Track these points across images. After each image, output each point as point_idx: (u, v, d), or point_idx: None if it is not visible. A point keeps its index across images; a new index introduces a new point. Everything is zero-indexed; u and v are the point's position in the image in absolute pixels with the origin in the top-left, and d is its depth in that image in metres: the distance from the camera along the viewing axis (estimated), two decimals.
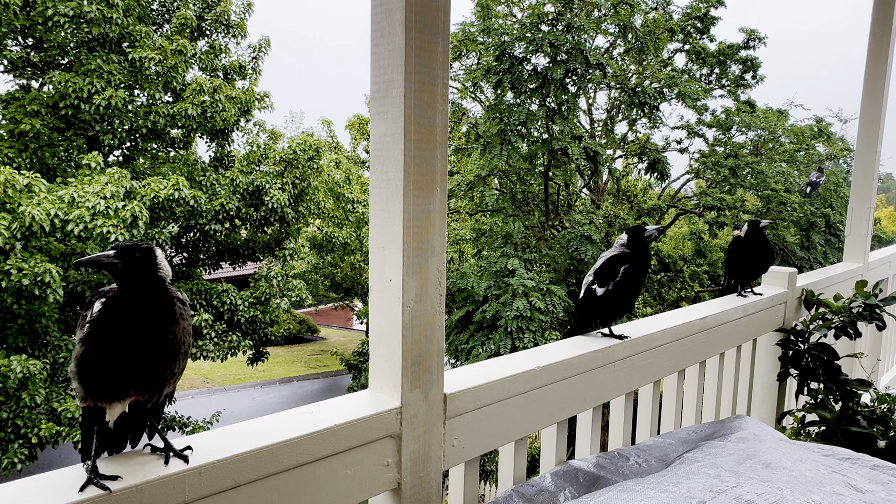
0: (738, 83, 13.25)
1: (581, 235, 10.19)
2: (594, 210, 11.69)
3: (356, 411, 1.40)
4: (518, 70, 10.28)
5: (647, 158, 12.55)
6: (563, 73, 10.08)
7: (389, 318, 1.46)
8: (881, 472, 1.89)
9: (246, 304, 11.68)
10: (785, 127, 12.40)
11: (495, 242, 10.66)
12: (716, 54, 13.05)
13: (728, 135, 12.74)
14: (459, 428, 1.60)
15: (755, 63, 12.96)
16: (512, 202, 12.25)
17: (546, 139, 10.60)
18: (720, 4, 12.98)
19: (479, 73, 11.42)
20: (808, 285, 3.56)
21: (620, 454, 2.06)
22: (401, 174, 1.39)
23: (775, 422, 3.44)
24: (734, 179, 11.68)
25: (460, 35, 11.89)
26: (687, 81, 11.82)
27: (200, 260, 12.57)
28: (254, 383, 22.23)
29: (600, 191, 13.49)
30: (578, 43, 10.19)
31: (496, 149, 10.37)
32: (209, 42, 12.32)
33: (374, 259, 1.49)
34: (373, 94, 1.45)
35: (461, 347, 9.92)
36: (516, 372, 1.75)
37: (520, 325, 9.21)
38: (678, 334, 2.45)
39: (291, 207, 12.23)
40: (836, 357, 3.19)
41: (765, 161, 12.07)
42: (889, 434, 2.94)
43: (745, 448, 1.63)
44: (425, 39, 1.39)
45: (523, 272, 9.65)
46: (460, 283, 10.35)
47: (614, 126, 13.68)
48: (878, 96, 4.31)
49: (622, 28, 11.87)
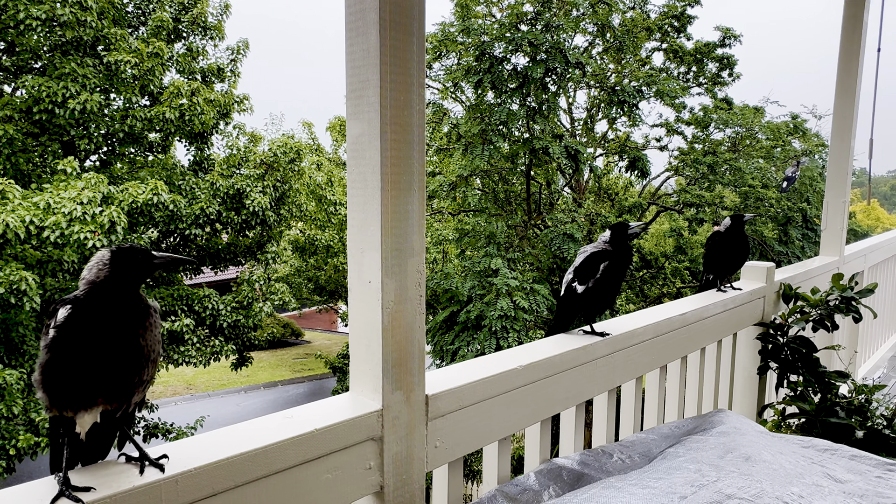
0: (715, 81, 13.41)
1: (563, 234, 10.24)
2: (576, 208, 11.76)
3: (337, 415, 1.39)
4: (498, 70, 10.31)
5: (627, 156, 12.64)
6: (542, 73, 10.13)
7: (369, 320, 1.44)
8: (859, 462, 1.91)
9: (228, 308, 11.57)
10: (761, 123, 12.58)
11: (478, 242, 10.68)
12: (693, 52, 13.20)
13: (706, 132, 12.89)
14: (442, 429, 1.59)
15: (731, 61, 13.13)
16: (494, 202, 12.28)
17: (527, 138, 10.64)
18: (696, 3, 13.14)
19: (459, 74, 11.43)
20: (786, 279, 3.61)
21: (604, 451, 2.07)
22: (378, 175, 1.38)
23: (756, 415, 3.47)
24: (713, 176, 11.83)
25: (440, 35, 11.89)
26: (665, 80, 11.94)
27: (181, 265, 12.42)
28: (238, 388, 22.03)
29: (582, 189, 13.56)
30: (557, 42, 10.25)
31: (478, 149, 10.39)
32: (186, 44, 12.19)
33: (352, 261, 1.47)
34: (348, 94, 1.43)
35: (446, 348, 9.92)
36: (498, 371, 1.75)
37: (504, 324, 9.23)
38: (659, 330, 2.46)
39: (273, 210, 12.13)
40: (814, 350, 3.24)
41: (742, 157, 12.23)
42: (867, 424, 2.98)
43: (726, 442, 1.65)
44: (400, 39, 1.38)
45: (507, 272, 9.67)
46: (444, 283, 10.35)
47: (594, 125, 13.77)
48: (850, 93, 4.39)
49: (600, 27, 11.96)
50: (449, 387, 1.61)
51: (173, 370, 20.46)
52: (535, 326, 10.79)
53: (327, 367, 20.58)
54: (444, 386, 1.60)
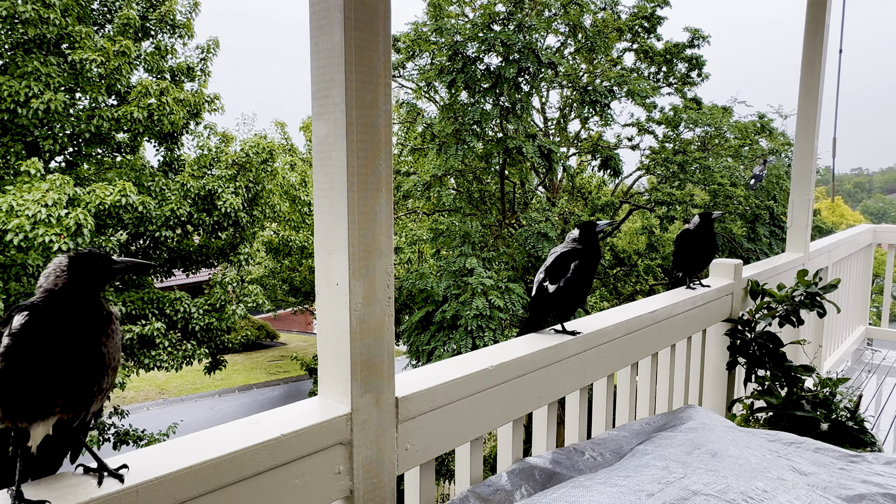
0: (685, 81, 13.62)
1: (538, 233, 10.30)
2: (550, 207, 11.83)
3: (304, 420, 1.36)
4: (471, 69, 10.32)
5: (600, 156, 12.76)
6: (515, 72, 10.17)
7: (337, 322, 1.42)
8: (823, 454, 1.95)
9: (200, 311, 11.39)
10: (730, 123, 12.82)
11: (453, 242, 10.68)
12: (663, 53, 13.39)
13: (676, 131, 13.08)
14: (413, 431, 1.58)
15: (700, 61, 13.35)
16: (469, 201, 12.29)
17: (501, 138, 10.68)
18: (666, 4, 13.32)
19: (432, 74, 11.41)
20: (754, 276, 3.67)
21: (576, 449, 2.08)
22: (344, 176, 1.36)
23: (726, 409, 3.53)
24: (683, 175, 12.01)
25: (413, 35, 11.86)
26: (636, 80, 12.08)
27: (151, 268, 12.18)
28: (212, 392, 21.70)
29: (555, 188, 13.66)
30: (530, 42, 10.30)
31: (452, 148, 10.39)
32: (154, 43, 11.95)
33: (319, 263, 1.45)
34: (314, 94, 1.41)
35: (422, 348, 9.90)
36: (469, 372, 1.74)
37: (480, 323, 9.24)
38: (630, 328, 2.48)
39: (245, 211, 11.98)
40: (780, 344, 3.30)
41: (712, 156, 12.44)
42: (831, 417, 3.05)
43: (694, 438, 1.66)
44: (365, 38, 1.36)
45: (482, 271, 9.69)
46: (419, 283, 10.33)
47: (567, 124, 13.88)
48: (813, 93, 4.48)
49: (572, 28, 12.05)
50: (419, 388, 1.60)
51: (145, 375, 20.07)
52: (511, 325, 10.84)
53: (303, 369, 20.40)
54: (414, 388, 1.59)
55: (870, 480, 1.72)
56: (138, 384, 21.21)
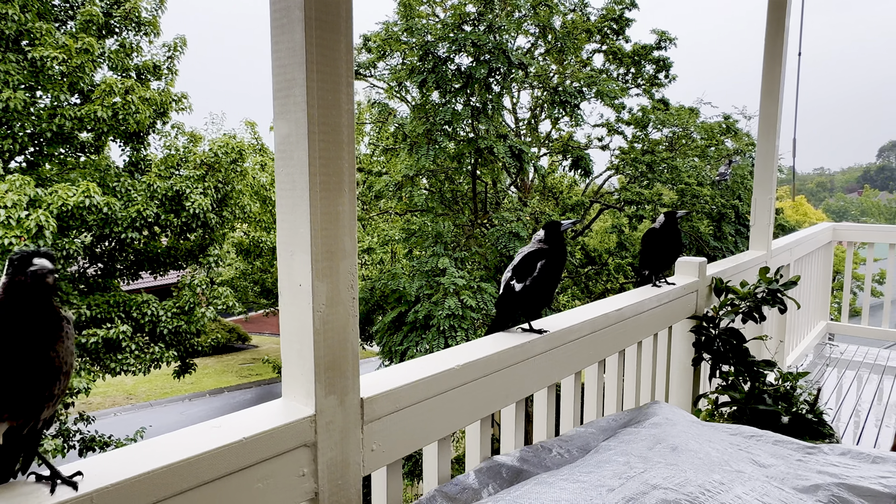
0: (653, 82, 13.84)
1: (509, 232, 10.36)
2: (521, 207, 11.91)
3: (267, 422, 1.35)
4: (442, 70, 10.33)
5: (570, 156, 12.88)
6: (486, 73, 10.22)
7: (300, 324, 1.41)
8: (782, 446, 2.01)
9: (169, 314, 11.18)
10: (696, 124, 13.07)
11: (426, 242, 10.67)
12: (631, 55, 13.58)
13: (645, 132, 13.28)
14: (379, 432, 1.58)
15: (667, 63, 13.58)
16: (441, 201, 12.30)
17: (472, 138, 10.71)
18: (633, 7, 13.52)
19: (403, 73, 11.39)
20: (718, 273, 3.75)
21: (543, 446, 2.09)
22: (306, 176, 1.35)
23: (692, 404, 3.60)
24: (651, 175, 12.20)
25: (383, 34, 11.82)
26: (605, 81, 12.23)
27: (118, 270, 11.92)
28: (182, 396, 21.31)
29: (527, 188, 13.75)
30: (500, 43, 10.35)
31: (423, 148, 10.39)
32: (119, 40, 11.69)
33: (282, 264, 1.44)
34: (275, 93, 1.40)
35: (395, 349, 9.88)
36: (435, 372, 1.74)
37: (452, 323, 9.26)
38: (596, 326, 2.51)
39: (215, 212, 11.79)
40: (743, 340, 3.38)
41: (679, 156, 12.66)
42: (792, 410, 3.13)
43: (657, 433, 1.69)
44: (327, 37, 1.36)
45: (454, 271, 9.71)
46: (392, 284, 10.31)
47: (538, 124, 13.98)
48: (774, 95, 4.59)
49: (542, 29, 12.15)
50: (385, 389, 1.59)
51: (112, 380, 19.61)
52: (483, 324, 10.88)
53: (275, 372, 20.16)
54: (380, 388, 1.59)
55: (825, 471, 1.77)
56: (105, 389, 20.73)
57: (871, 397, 5.46)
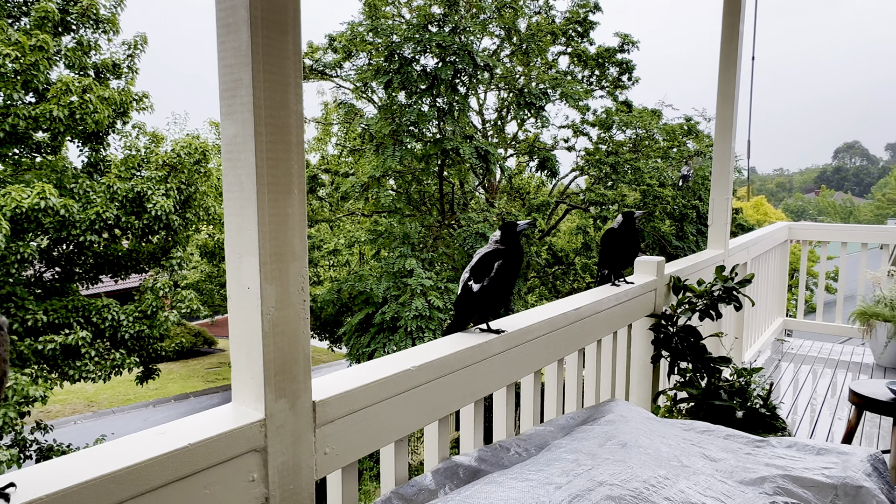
0: (616, 84, 14.06)
1: (476, 233, 10.40)
2: (488, 208, 11.98)
3: (215, 427, 1.33)
4: (408, 70, 10.31)
5: (537, 157, 13.00)
6: (452, 74, 10.24)
7: (249, 327, 1.39)
8: (732, 440, 2.05)
9: (130, 318, 10.91)
10: (659, 126, 13.33)
11: (393, 243, 10.64)
12: (595, 57, 13.78)
13: (609, 133, 13.49)
14: (332, 435, 1.57)
15: (630, 66, 13.81)
16: (408, 202, 12.29)
17: (438, 139, 10.73)
18: (597, 10, 13.71)
19: (369, 74, 11.34)
20: (676, 272, 3.82)
21: (501, 446, 2.10)
22: (253, 177, 1.34)
23: (651, 401, 3.66)
24: (615, 175, 12.40)
25: (349, 34, 11.75)
26: (570, 83, 12.38)
27: (76, 274, 11.59)
28: (146, 403, 20.83)
29: (494, 189, 13.83)
30: (466, 44, 10.39)
31: (389, 149, 10.36)
32: (76, 38, 11.37)
33: (230, 266, 1.42)
34: (221, 94, 1.38)
35: (362, 350, 9.83)
36: (391, 373, 1.74)
37: (420, 324, 9.25)
38: (554, 325, 2.54)
39: (178, 214, 11.56)
40: (700, 337, 3.45)
41: (642, 158, 12.90)
42: (746, 405, 3.21)
43: (609, 430, 1.72)
44: (274, 37, 1.34)
45: (421, 272, 9.70)
46: (359, 285, 10.24)
47: (505, 126, 14.08)
48: (729, 98, 4.71)
49: (507, 31, 12.23)
50: (338, 391, 1.58)
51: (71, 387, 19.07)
52: None
53: None
54: (333, 391, 1.58)
55: (772, 463, 1.82)
56: (65, 397, 20.14)
57: (825, 391, 5.64)
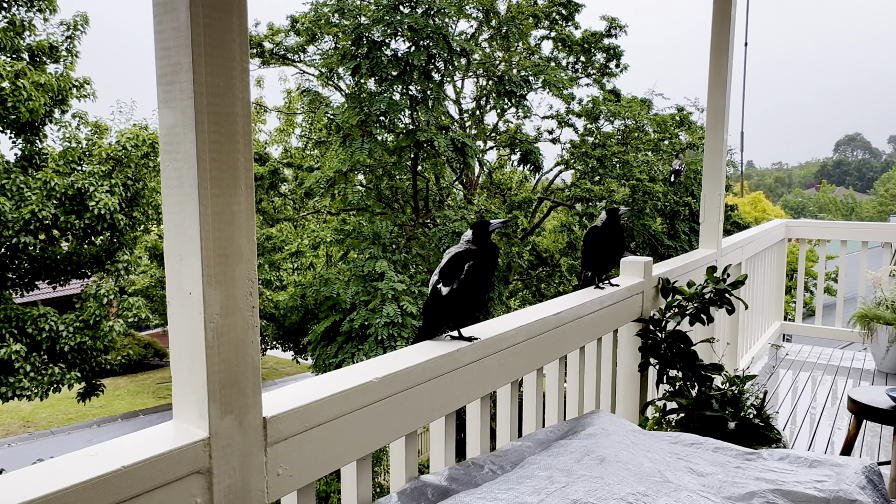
0: (603, 72, 14.20)
1: (453, 232, 10.41)
2: (466, 205, 11.99)
3: (153, 448, 1.31)
4: (377, 55, 10.29)
5: (519, 149, 13.06)
6: (425, 60, 10.24)
7: (191, 336, 1.38)
8: (721, 454, 2.08)
9: (70, 329, 10.72)
10: (649, 116, 13.48)
11: (362, 244, 10.61)
12: (581, 42, 13.89)
13: (596, 124, 13.61)
14: (285, 454, 1.55)
15: (618, 51, 13.96)
16: (379, 199, 12.25)
17: (411, 130, 10.72)
18: None
19: (335, 59, 11.29)
20: (665, 273, 3.86)
21: (475, 463, 2.11)
22: (195, 171, 1.32)
23: (639, 413, 3.70)
24: (603, 170, 12.51)
25: (312, 15, 11.69)
26: (553, 69, 12.45)
27: (9, 280, 11.36)
28: (89, 422, 20.47)
29: (473, 185, 13.86)
30: (440, 27, 10.40)
31: (357, 141, 10.31)
32: (7, 17, 11.14)
33: (170, 270, 1.40)
34: (159, 79, 1.36)
35: (329, 361, 9.77)
36: (352, 386, 1.73)
37: (391, 332, 9.23)
38: (533, 332, 2.55)
39: (124, 213, 11.41)
40: (690, 343, 3.49)
41: (631, 150, 13.03)
42: (739, 415, 3.26)
43: (588, 445, 1.73)
44: (217, 17, 1.33)
45: (393, 275, 9.68)
46: (324, 290, 10.18)
47: (484, 116, 14.12)
48: (721, 87, 4.78)
49: (486, 13, 12.28)
50: (292, 406, 1.57)
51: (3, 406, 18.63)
52: None
53: None
54: (286, 406, 1.57)
55: (762, 477, 1.85)
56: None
57: (825, 399, 5.76)
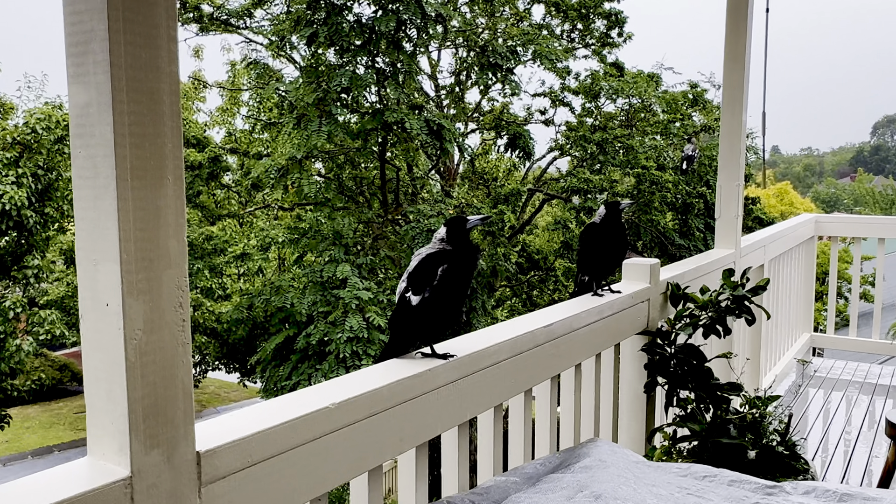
0: (604, 42, 14.28)
1: (428, 230, 10.40)
2: (444, 198, 11.99)
3: (63, 490, 1.29)
4: (337, 21, 10.25)
5: (505, 133, 13.10)
6: (394, 27, 10.23)
7: (109, 356, 1.36)
8: (738, 487, 2.11)
9: None
10: (657, 94, 13.58)
11: (320, 245, 10.56)
12: (577, 7, 13.96)
13: (596, 103, 13.69)
14: (224, 495, 1.54)
15: (620, 18, 14.04)
16: (340, 191, 12.21)
17: (378, 110, 10.70)
18: None
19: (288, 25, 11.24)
20: (675, 278, 3.90)
21: (451, 503, 2.11)
22: (112, 159, 1.30)
23: (645, 441, 3.73)
24: (603, 156, 12.57)
25: None
26: (545, 39, 12.51)
27: None
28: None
29: (452, 174, 13.88)
30: None
31: (314, 123, 10.26)
32: None
33: (83, 276, 1.38)
34: (68, 49, 1.35)
35: (281, 384, 9.72)
36: (303, 413, 1.73)
37: (355, 349, 9.20)
38: (519, 347, 2.56)
39: (33, 209, 11.35)
40: (703, 360, 3.53)
41: (637, 134, 13.13)
42: (760, 442, 3.31)
43: (582, 479, 1.75)
44: None
45: (357, 281, 9.65)
46: (276, 300, 10.11)
47: (465, 93, 14.15)
48: (739, 60, 4.84)
49: None
50: (232, 438, 1.56)
51: None
52: None
53: None
54: (224, 438, 1.56)
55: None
56: None
57: (861, 422, 5.86)
